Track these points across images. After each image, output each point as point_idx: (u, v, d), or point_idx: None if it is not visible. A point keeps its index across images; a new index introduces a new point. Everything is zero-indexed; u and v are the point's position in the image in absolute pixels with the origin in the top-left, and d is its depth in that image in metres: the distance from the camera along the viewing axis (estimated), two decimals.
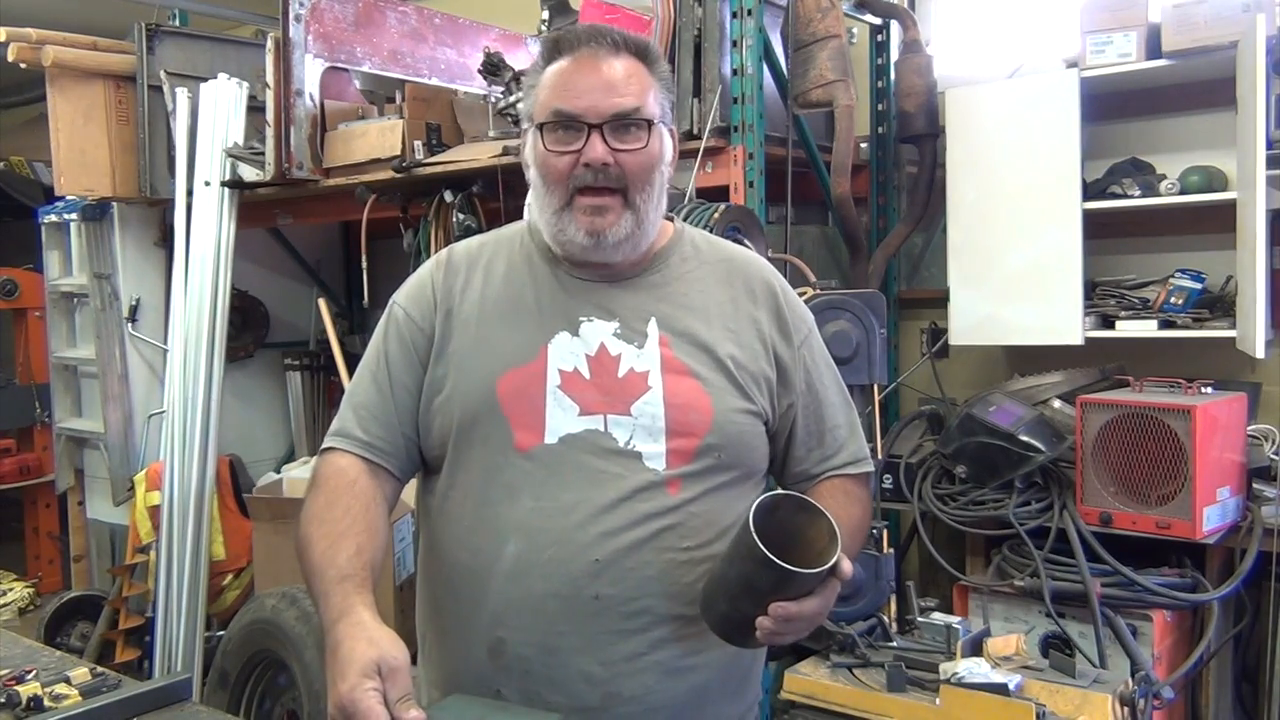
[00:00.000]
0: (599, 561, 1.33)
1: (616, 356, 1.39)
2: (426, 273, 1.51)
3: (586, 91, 1.34)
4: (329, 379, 4.66)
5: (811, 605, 1.24)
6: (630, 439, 1.36)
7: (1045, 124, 2.98)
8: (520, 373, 1.39)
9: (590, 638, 1.35)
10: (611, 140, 1.34)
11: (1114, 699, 2.14)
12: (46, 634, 4.10)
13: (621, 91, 1.35)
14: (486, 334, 1.42)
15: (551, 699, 1.36)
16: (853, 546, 1.45)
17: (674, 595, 1.35)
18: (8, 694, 1.55)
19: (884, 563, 2.57)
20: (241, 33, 4.91)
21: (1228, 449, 2.67)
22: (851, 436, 1.53)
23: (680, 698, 1.39)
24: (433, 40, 3.72)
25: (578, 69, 1.36)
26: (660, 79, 1.41)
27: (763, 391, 1.44)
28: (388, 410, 1.44)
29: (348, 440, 1.44)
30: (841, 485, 1.51)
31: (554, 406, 1.37)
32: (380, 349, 1.48)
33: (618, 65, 1.36)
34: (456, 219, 3.24)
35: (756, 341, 1.45)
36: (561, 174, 1.36)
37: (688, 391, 1.38)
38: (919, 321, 3.55)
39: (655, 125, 1.37)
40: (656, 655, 1.36)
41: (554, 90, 1.36)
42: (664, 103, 1.41)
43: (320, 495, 1.39)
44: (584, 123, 1.34)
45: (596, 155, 1.33)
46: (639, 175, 1.36)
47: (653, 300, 1.43)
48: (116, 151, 4.07)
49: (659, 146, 1.39)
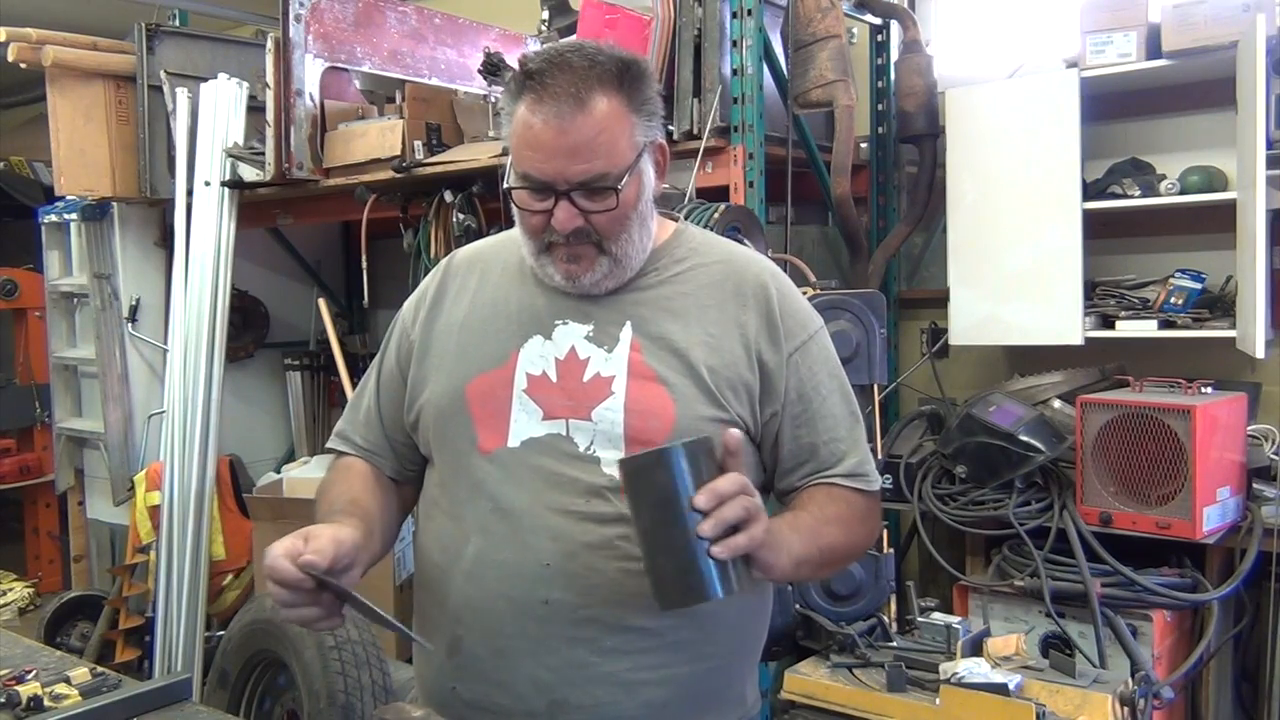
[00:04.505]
0: (549, 566, 1.32)
1: (585, 360, 1.38)
2: (426, 281, 1.57)
3: (553, 155, 1.29)
4: (329, 379, 4.66)
5: (730, 480, 1.15)
6: (591, 444, 1.35)
7: (1045, 124, 2.98)
8: (490, 377, 1.40)
9: (539, 643, 1.33)
10: (581, 202, 1.31)
11: (1114, 699, 2.13)
12: (46, 634, 4.10)
13: (587, 156, 1.29)
14: (466, 339, 1.45)
15: (500, 702, 1.36)
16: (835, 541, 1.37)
17: (626, 605, 1.31)
18: (8, 694, 1.55)
19: (884, 563, 2.57)
20: (241, 33, 4.91)
21: (1228, 449, 2.67)
22: (853, 450, 1.43)
23: (633, 712, 1.34)
24: (433, 40, 3.72)
25: (545, 129, 1.28)
26: (643, 102, 1.34)
27: (741, 399, 1.38)
28: (374, 420, 1.54)
29: (347, 444, 1.56)
30: (827, 489, 1.41)
31: (519, 410, 1.38)
32: (379, 357, 1.57)
33: (585, 123, 1.28)
34: (456, 219, 3.24)
35: (739, 347, 1.39)
36: (536, 229, 1.36)
37: (651, 398, 1.35)
38: (919, 321, 3.56)
39: (630, 174, 1.32)
40: (608, 666, 1.33)
41: (521, 145, 1.32)
42: (644, 129, 1.34)
43: (329, 475, 1.54)
44: (551, 190, 1.31)
45: (563, 224, 1.31)
46: (610, 229, 1.34)
47: (632, 303, 1.41)
48: (116, 151, 4.07)
49: (634, 193, 1.34)
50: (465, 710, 1.39)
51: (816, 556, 1.34)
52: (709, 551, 1.14)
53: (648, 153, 1.36)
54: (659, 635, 1.33)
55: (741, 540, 1.15)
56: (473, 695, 1.39)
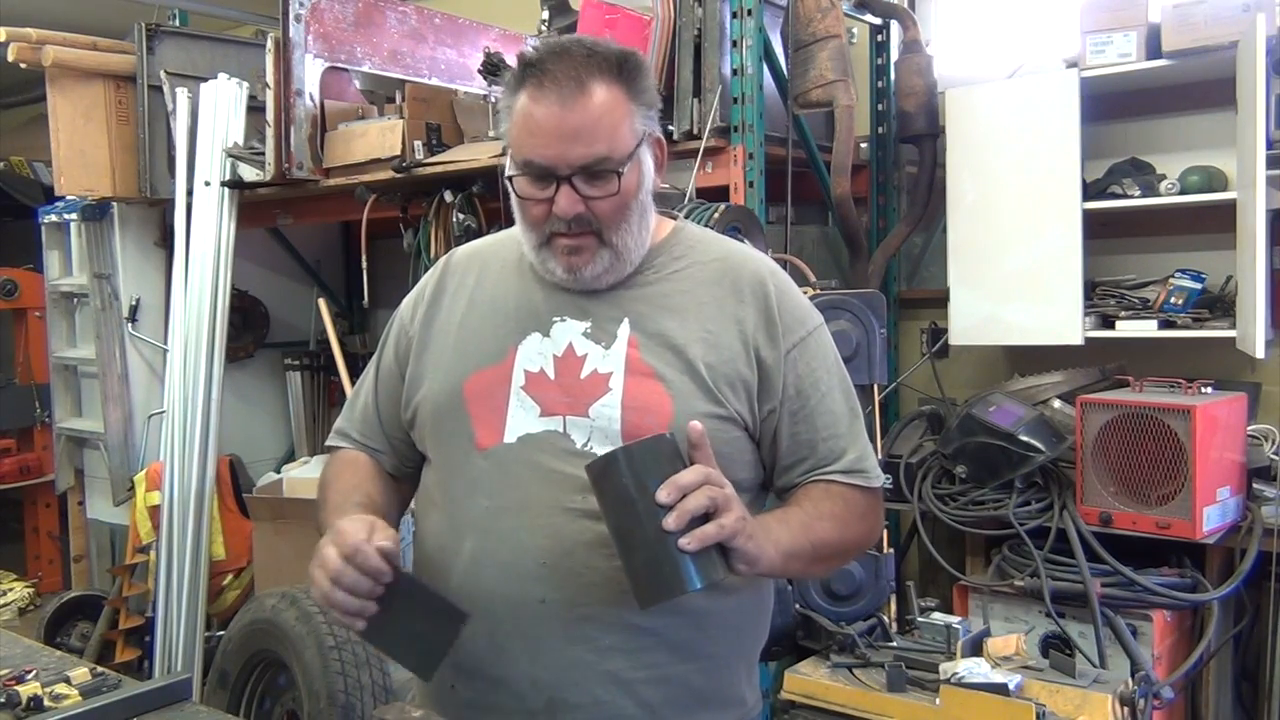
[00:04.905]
0: (545, 565, 1.32)
1: (582, 357, 1.38)
2: (425, 278, 1.57)
3: (554, 140, 1.30)
4: (329, 379, 4.66)
5: (692, 472, 1.17)
6: (588, 441, 1.34)
7: (1045, 124, 2.98)
8: (487, 373, 1.40)
9: (537, 641, 1.33)
10: (583, 187, 1.32)
11: (1114, 699, 2.13)
12: (46, 634, 4.10)
13: (588, 140, 1.30)
14: (464, 335, 1.45)
15: (499, 700, 1.36)
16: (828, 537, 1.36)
17: (623, 603, 1.28)
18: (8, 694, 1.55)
19: (884, 563, 2.57)
20: (241, 33, 4.91)
21: (1228, 449, 2.67)
22: (852, 447, 1.42)
23: (631, 711, 1.34)
24: (433, 40, 3.72)
25: (546, 116, 1.30)
26: (639, 94, 1.34)
27: (739, 396, 1.37)
28: (373, 416, 1.55)
29: (346, 440, 1.57)
30: (824, 485, 1.40)
31: (516, 407, 1.37)
32: (378, 354, 1.58)
33: (585, 108, 1.29)
34: (456, 219, 3.24)
35: (737, 343, 1.38)
36: (537, 220, 1.36)
37: (648, 395, 1.34)
38: (919, 321, 3.56)
39: (630, 161, 1.33)
40: (606, 665, 1.32)
41: (522, 133, 1.33)
42: (643, 122, 1.35)
43: (330, 469, 1.54)
44: (553, 175, 1.32)
45: (565, 210, 1.32)
46: (612, 217, 1.34)
47: (630, 300, 1.41)
48: (116, 151, 4.07)
49: (634, 181, 1.35)
50: (464, 709, 1.39)
51: (809, 551, 1.33)
52: (678, 545, 1.14)
53: (647, 144, 1.37)
54: (657, 634, 1.33)
55: (711, 530, 1.16)
56: (471, 694, 1.38)
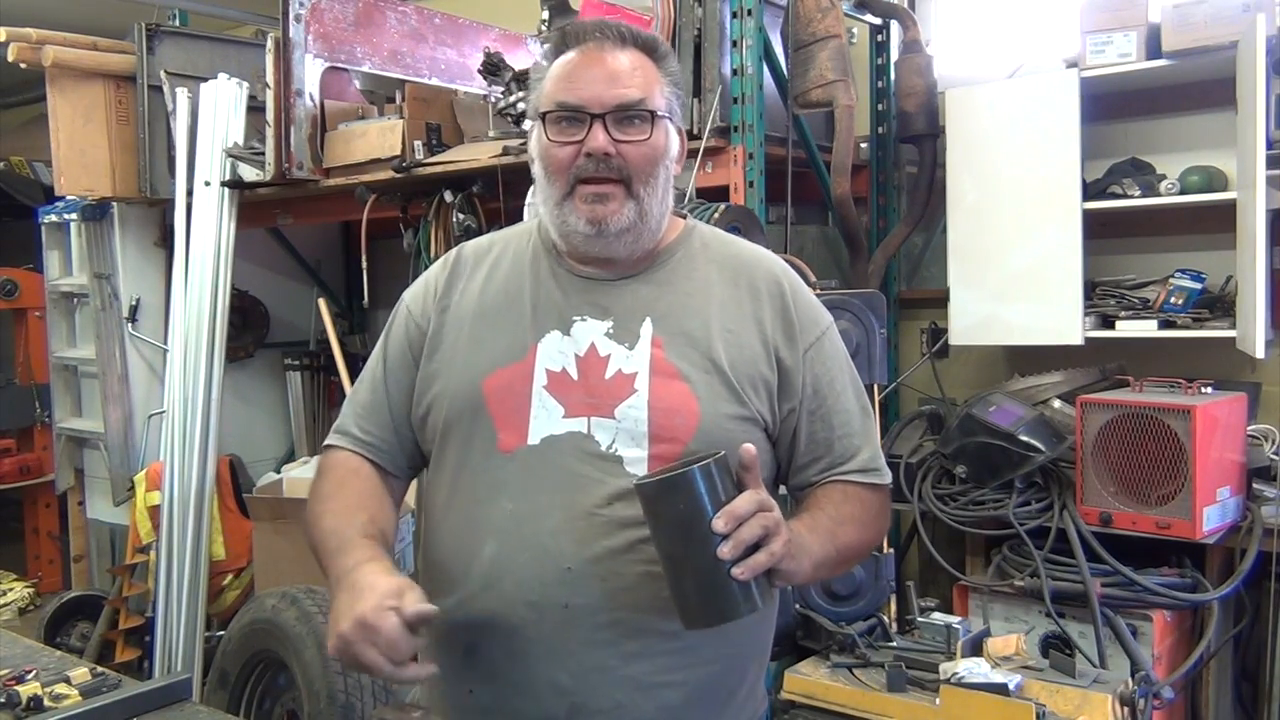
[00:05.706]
0: (570, 570, 1.30)
1: (606, 357, 1.36)
2: (433, 271, 1.53)
3: (590, 82, 1.33)
4: (329, 379, 4.66)
5: (746, 500, 1.16)
6: (613, 443, 1.32)
7: (1045, 124, 2.98)
8: (508, 372, 1.37)
9: (559, 647, 1.31)
10: (614, 131, 1.33)
11: (1114, 699, 2.13)
12: (46, 634, 4.09)
13: (625, 83, 1.33)
14: (479, 332, 1.42)
15: (519, 705, 1.34)
16: (851, 540, 1.39)
17: (648, 608, 1.29)
18: (8, 694, 1.56)
19: (884, 563, 2.57)
20: (241, 33, 4.91)
21: (1228, 449, 2.67)
22: (866, 445, 1.44)
23: (651, 715, 1.33)
24: (433, 40, 3.72)
25: (583, 61, 1.35)
26: (668, 74, 1.39)
27: (761, 396, 1.38)
28: (383, 409, 1.48)
29: (346, 438, 1.49)
30: (842, 487, 1.42)
31: (539, 407, 1.35)
32: (382, 347, 1.51)
33: (623, 57, 1.35)
34: (456, 219, 3.24)
35: (757, 343, 1.39)
36: (564, 164, 1.35)
37: (675, 395, 1.33)
38: (919, 321, 3.56)
39: (659, 118, 1.35)
40: (629, 669, 1.31)
41: (558, 82, 1.36)
42: (671, 98, 1.39)
43: (328, 480, 1.46)
44: (586, 113, 1.33)
45: (598, 145, 1.32)
46: (641, 166, 1.34)
47: (650, 299, 1.39)
48: (116, 151, 4.07)
49: (663, 139, 1.37)
50: (481, 714, 1.38)
51: (835, 557, 1.35)
52: (731, 573, 1.14)
53: (674, 121, 1.40)
54: (678, 637, 1.31)
55: (762, 558, 1.16)
56: (490, 699, 1.37)
